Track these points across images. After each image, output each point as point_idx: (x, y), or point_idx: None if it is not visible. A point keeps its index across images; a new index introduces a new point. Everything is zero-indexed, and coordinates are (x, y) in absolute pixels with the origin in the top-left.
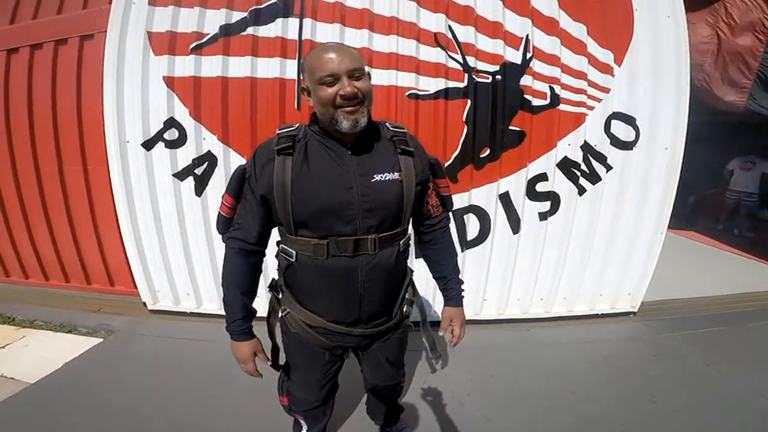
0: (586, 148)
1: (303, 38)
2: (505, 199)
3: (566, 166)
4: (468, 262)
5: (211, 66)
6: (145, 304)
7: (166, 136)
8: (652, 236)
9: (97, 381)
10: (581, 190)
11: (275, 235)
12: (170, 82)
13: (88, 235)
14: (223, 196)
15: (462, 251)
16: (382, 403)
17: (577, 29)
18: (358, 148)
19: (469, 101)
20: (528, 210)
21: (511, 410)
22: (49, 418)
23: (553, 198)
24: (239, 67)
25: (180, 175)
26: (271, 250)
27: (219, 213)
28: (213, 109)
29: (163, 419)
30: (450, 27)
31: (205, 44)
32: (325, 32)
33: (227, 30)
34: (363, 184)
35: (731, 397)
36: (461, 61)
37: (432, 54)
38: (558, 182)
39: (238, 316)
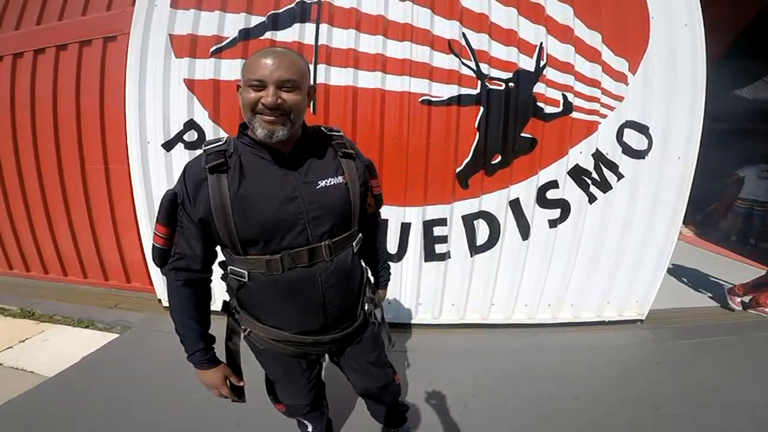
0: (598, 156)
1: (319, 43)
2: (515, 205)
3: (577, 174)
4: (477, 266)
5: (230, 69)
6: (160, 300)
7: (185, 137)
8: (662, 245)
9: (112, 376)
10: (592, 198)
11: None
12: (191, 84)
13: (107, 232)
14: (155, 227)
15: (471, 256)
16: (381, 404)
17: (591, 37)
18: (298, 156)
19: (481, 108)
20: (538, 217)
21: (514, 413)
22: (66, 412)
23: (564, 205)
24: None
25: None
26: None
27: (153, 245)
28: (232, 112)
29: (175, 414)
30: (464, 34)
31: (225, 48)
32: (340, 38)
33: (246, 34)
34: (308, 192)
35: (734, 407)
36: (474, 68)
37: (445, 61)
38: (568, 190)
39: (199, 347)
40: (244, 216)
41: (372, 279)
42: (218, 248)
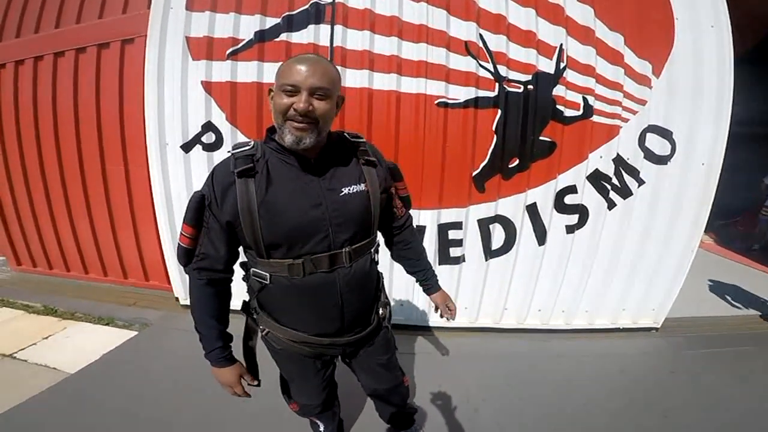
0: (619, 161)
1: (334, 45)
2: (532, 210)
3: (597, 179)
4: (491, 271)
5: (246, 71)
6: (177, 298)
7: (203, 139)
8: (682, 253)
9: (131, 374)
10: (611, 204)
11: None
12: (208, 86)
13: (127, 232)
14: (181, 227)
15: (486, 260)
16: (389, 405)
17: (613, 39)
18: (323, 163)
19: (499, 111)
20: (555, 222)
21: (523, 418)
22: (86, 409)
23: (582, 211)
24: (274, 72)
25: None
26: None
27: (179, 244)
28: (249, 114)
29: (190, 413)
30: (481, 35)
31: (240, 50)
32: (355, 39)
33: (262, 36)
34: (332, 199)
35: (745, 418)
36: (492, 70)
37: (462, 62)
38: (587, 195)
39: (217, 345)
40: (270, 221)
41: (421, 284)
42: (240, 249)
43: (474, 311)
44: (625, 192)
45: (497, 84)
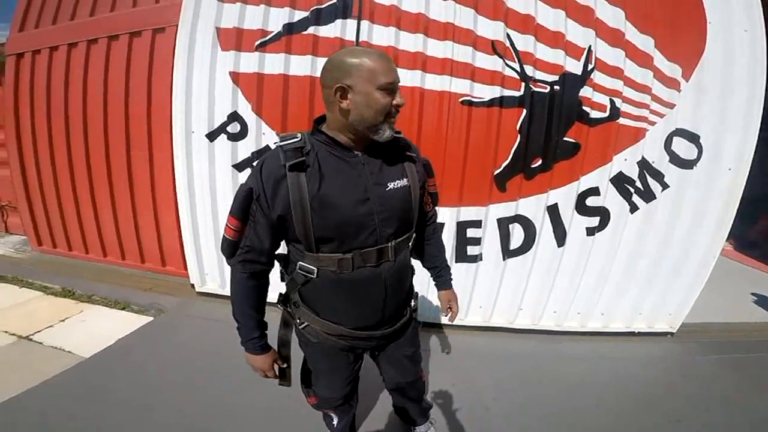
0: (644, 164)
1: (360, 40)
2: (553, 211)
3: (620, 181)
4: (508, 270)
5: (273, 63)
6: (193, 286)
7: (229, 129)
8: (703, 259)
9: (144, 359)
10: (633, 208)
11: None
12: (235, 77)
13: (147, 217)
14: (227, 218)
15: (503, 259)
16: (409, 400)
17: (643, 42)
18: (370, 158)
19: (524, 110)
20: (576, 224)
21: (534, 419)
22: (97, 395)
23: (603, 213)
24: (300, 65)
25: (239, 167)
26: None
27: (224, 237)
28: (274, 105)
29: (201, 400)
30: (508, 35)
31: (269, 42)
32: (380, 35)
33: (290, 28)
34: (379, 194)
35: (759, 424)
36: (519, 69)
37: (489, 61)
38: (610, 198)
39: (255, 334)
40: (322, 215)
41: (434, 279)
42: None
43: (488, 310)
44: (648, 195)
45: (523, 84)
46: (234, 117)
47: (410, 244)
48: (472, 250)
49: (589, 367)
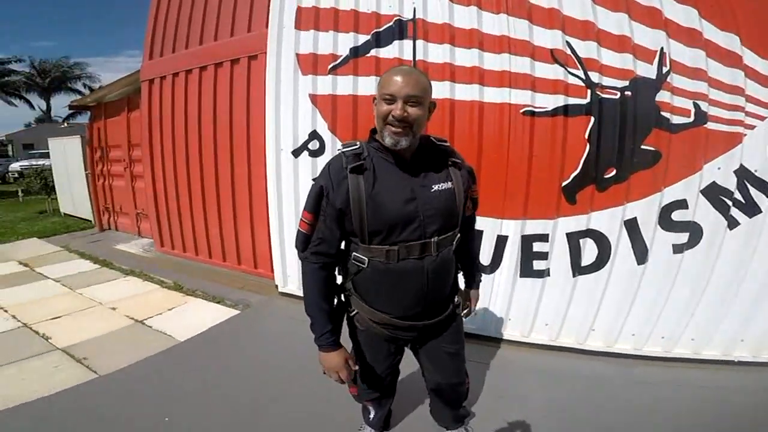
0: (743, 173)
1: (417, 59)
2: (631, 225)
3: (714, 193)
4: (579, 288)
5: (344, 85)
6: (276, 286)
7: (309, 146)
8: None
9: (227, 346)
10: (732, 223)
11: None
12: (314, 98)
13: (245, 225)
14: (302, 214)
15: (573, 276)
16: (446, 405)
17: (726, 40)
18: (416, 162)
19: (592, 118)
20: (659, 240)
21: None
22: (184, 373)
23: (693, 229)
24: (366, 85)
25: None
26: None
27: (299, 231)
28: (346, 123)
29: (268, 388)
30: (568, 42)
31: (339, 65)
32: (436, 52)
33: (356, 52)
34: (424, 195)
35: None
36: (583, 76)
37: (549, 71)
38: (701, 212)
39: (327, 328)
40: (375, 211)
41: (465, 278)
42: None
43: (555, 329)
44: (751, 209)
45: (589, 91)
46: (314, 135)
47: (454, 243)
48: (538, 264)
49: (663, 393)
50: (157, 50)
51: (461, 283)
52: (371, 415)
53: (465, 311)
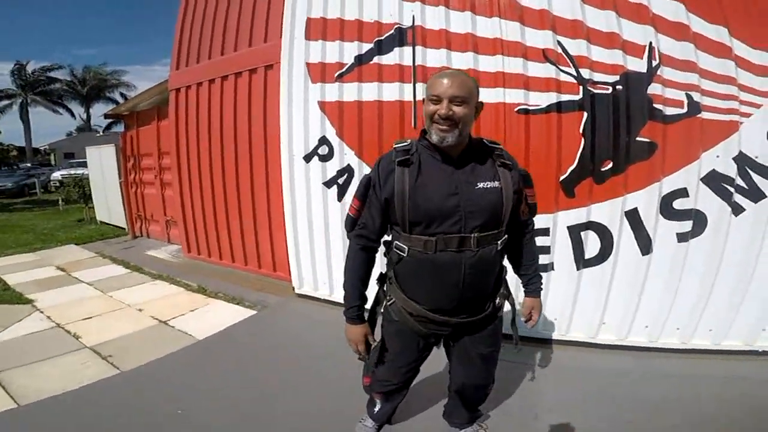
0: (743, 159)
1: (416, 64)
2: (632, 216)
3: (715, 180)
4: (584, 281)
5: (350, 92)
6: (293, 288)
7: (319, 151)
8: None
9: (243, 344)
10: (737, 209)
11: None
12: (323, 106)
13: (264, 231)
14: (352, 200)
15: (578, 269)
16: (464, 405)
17: (715, 32)
18: (463, 161)
19: (585, 113)
20: (662, 229)
21: (581, 430)
22: (202, 366)
23: (696, 217)
24: (369, 92)
25: (328, 184)
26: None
27: (348, 215)
28: (352, 129)
29: (280, 383)
30: (559, 42)
31: (345, 73)
32: (434, 57)
33: (360, 59)
34: (468, 191)
35: None
36: (574, 74)
37: (541, 69)
38: (703, 199)
39: (356, 303)
40: (417, 202)
41: (524, 285)
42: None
43: (564, 324)
44: (755, 194)
45: (581, 87)
46: (323, 141)
47: (499, 242)
48: (541, 259)
49: (681, 385)
50: (183, 60)
51: (521, 290)
52: (376, 408)
53: (528, 321)
